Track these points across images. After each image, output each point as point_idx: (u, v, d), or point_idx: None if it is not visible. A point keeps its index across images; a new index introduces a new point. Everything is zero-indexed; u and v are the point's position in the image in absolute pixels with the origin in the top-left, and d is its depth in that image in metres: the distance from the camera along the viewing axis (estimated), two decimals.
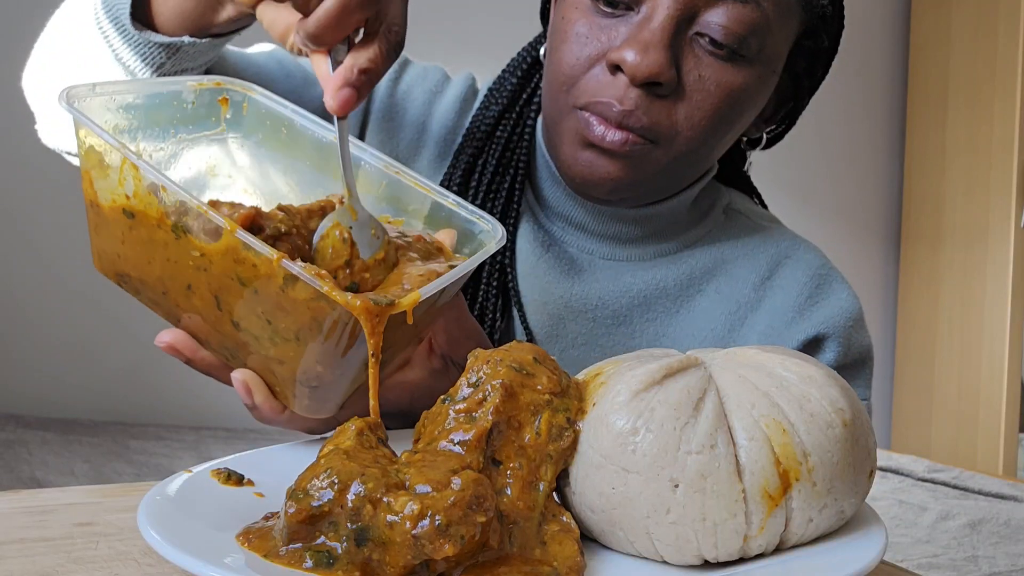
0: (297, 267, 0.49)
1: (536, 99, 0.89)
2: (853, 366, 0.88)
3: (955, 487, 2.22)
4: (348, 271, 0.56)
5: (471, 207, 0.63)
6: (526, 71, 0.90)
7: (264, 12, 0.61)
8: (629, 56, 0.72)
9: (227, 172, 0.68)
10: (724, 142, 0.81)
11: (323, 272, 0.51)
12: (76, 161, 0.82)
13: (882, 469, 2.32)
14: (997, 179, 3.00)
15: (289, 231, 0.56)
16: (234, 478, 0.55)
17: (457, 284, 0.58)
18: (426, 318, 0.59)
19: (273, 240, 0.55)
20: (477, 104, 0.91)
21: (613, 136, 0.75)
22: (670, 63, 0.73)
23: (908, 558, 1.69)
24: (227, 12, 0.68)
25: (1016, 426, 3.00)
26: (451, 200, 0.64)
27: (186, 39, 0.71)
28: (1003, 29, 2.99)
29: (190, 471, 0.55)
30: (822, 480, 0.48)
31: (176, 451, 2.01)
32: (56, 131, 0.78)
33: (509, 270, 0.85)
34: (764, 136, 0.90)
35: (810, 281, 0.87)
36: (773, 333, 0.86)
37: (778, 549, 0.49)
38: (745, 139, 0.90)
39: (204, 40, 0.72)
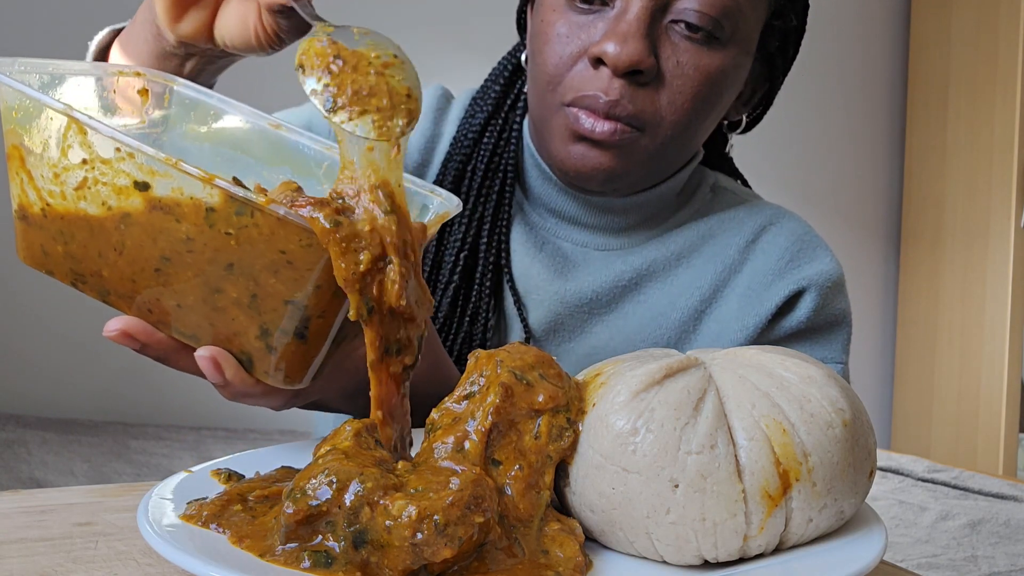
0: (283, 209, 0.47)
1: (521, 103, 0.92)
2: (828, 327, 0.89)
3: (955, 487, 2.21)
4: (338, 61, 0.50)
5: (422, 182, 0.61)
6: (508, 77, 0.93)
7: (221, 20, 0.61)
8: (609, 48, 0.76)
9: None
10: (707, 125, 0.84)
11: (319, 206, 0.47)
12: None
13: (882, 469, 2.32)
14: (997, 179, 3.00)
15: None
16: (234, 478, 0.55)
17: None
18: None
19: None
20: (456, 110, 0.93)
21: (602, 127, 0.78)
22: (649, 51, 0.76)
23: (908, 558, 1.69)
24: (190, 65, 0.68)
25: (1016, 426, 2.99)
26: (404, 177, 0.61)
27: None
28: (1003, 29, 2.99)
29: (190, 471, 0.56)
30: (822, 480, 0.48)
31: (176, 451, 2.01)
32: None
33: (506, 270, 0.87)
34: (744, 119, 0.93)
35: (792, 245, 0.89)
36: (752, 295, 0.87)
37: (778, 549, 0.49)
38: (726, 122, 0.93)
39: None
